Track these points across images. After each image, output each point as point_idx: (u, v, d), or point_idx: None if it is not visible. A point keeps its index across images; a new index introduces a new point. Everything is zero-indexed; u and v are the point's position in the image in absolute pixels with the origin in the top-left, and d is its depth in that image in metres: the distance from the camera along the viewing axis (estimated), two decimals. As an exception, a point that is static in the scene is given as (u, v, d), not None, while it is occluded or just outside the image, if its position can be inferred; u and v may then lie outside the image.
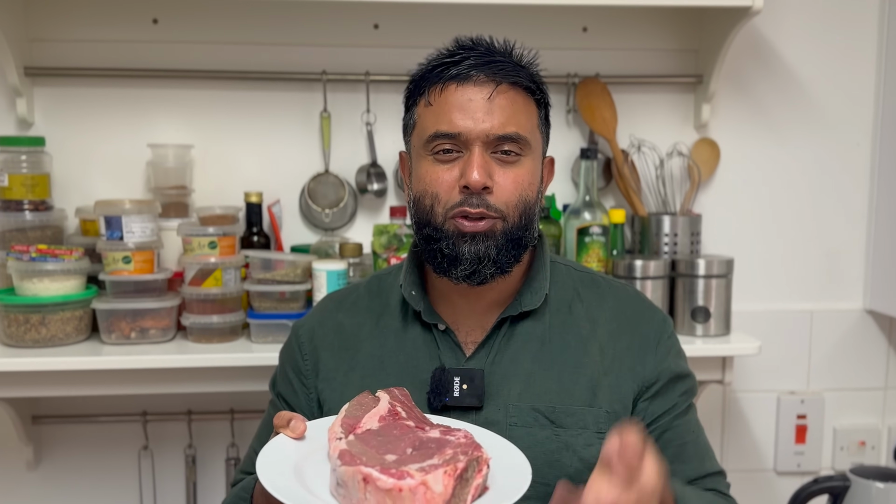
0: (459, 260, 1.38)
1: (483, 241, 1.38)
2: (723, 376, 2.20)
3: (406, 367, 1.47)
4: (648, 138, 2.36)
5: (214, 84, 2.27)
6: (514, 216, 1.39)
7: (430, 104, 1.41)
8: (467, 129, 1.37)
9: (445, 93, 1.39)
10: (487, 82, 1.38)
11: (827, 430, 2.53)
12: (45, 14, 2.20)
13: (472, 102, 1.38)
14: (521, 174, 1.39)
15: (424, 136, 1.41)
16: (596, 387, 1.45)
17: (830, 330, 2.51)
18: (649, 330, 1.51)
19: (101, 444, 2.32)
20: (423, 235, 1.42)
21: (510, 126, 1.38)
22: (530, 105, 1.43)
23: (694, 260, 2.16)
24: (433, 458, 1.12)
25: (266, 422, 1.60)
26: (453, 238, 1.38)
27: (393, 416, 1.23)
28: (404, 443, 1.17)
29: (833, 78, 2.44)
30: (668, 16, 2.37)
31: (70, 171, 2.24)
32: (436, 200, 1.39)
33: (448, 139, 1.38)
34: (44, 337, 1.98)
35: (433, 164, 1.40)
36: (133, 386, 2.01)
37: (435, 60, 1.43)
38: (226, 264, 2.04)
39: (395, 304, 1.54)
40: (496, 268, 1.39)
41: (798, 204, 2.47)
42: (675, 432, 1.48)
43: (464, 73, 1.38)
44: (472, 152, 1.37)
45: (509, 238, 1.39)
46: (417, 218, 1.43)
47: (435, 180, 1.39)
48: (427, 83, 1.42)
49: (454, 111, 1.38)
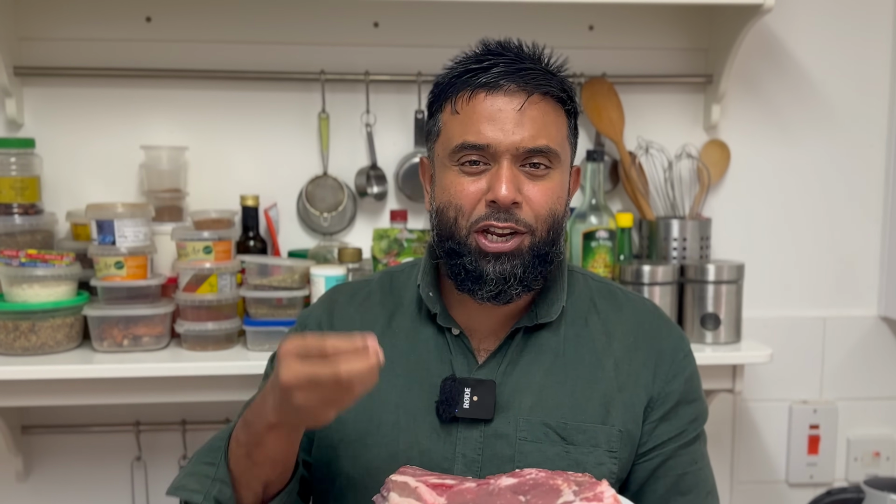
0: (484, 280, 1.37)
1: (509, 261, 1.37)
2: (733, 385, 2.19)
3: (416, 370, 1.47)
4: (656, 140, 2.35)
5: (210, 84, 2.27)
6: (543, 231, 1.38)
7: (456, 112, 1.39)
8: (496, 140, 1.35)
9: (474, 101, 1.37)
10: (518, 92, 1.36)
11: (840, 440, 2.52)
12: (35, 12, 2.20)
13: (503, 113, 1.35)
14: (550, 187, 1.38)
15: (450, 146, 1.39)
16: (609, 403, 1.44)
17: (844, 337, 2.51)
18: (665, 347, 1.50)
19: (93, 455, 2.32)
20: (445, 249, 1.41)
21: (541, 139, 1.36)
22: (560, 116, 1.41)
23: (703, 265, 2.16)
24: (563, 492, 1.16)
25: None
26: (476, 256, 1.37)
27: (443, 487, 1.23)
28: (507, 496, 1.18)
29: (846, 77, 2.44)
30: (676, 13, 2.37)
31: (61, 174, 2.24)
32: (460, 213, 1.38)
33: (476, 150, 1.36)
34: (34, 344, 1.98)
35: (458, 175, 1.38)
36: (126, 395, 2.01)
37: (462, 65, 1.41)
38: (221, 270, 2.03)
39: (409, 303, 1.53)
40: (523, 286, 1.39)
41: (810, 207, 2.47)
42: (678, 461, 1.47)
43: (493, 81, 1.36)
44: (501, 165, 1.35)
45: (536, 254, 1.38)
46: (440, 230, 1.42)
47: (460, 192, 1.38)
48: (454, 90, 1.40)
49: (483, 121, 1.36)
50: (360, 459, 1.45)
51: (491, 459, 1.41)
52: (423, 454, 1.42)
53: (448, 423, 1.42)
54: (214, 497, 1.32)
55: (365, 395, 1.45)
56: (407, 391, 1.46)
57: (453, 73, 1.41)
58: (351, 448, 1.46)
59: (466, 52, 1.44)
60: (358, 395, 1.16)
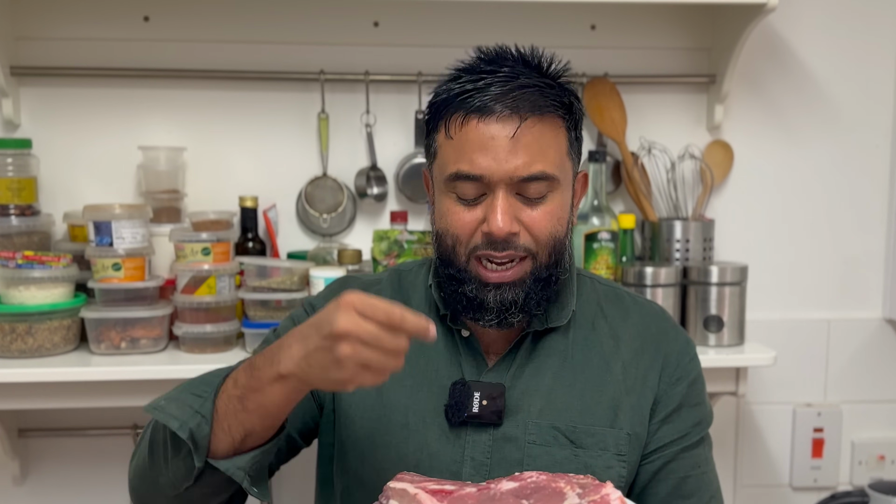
0: (485, 308, 1.37)
1: (511, 290, 1.37)
2: (736, 388, 2.19)
3: (425, 372, 1.47)
4: (659, 140, 2.35)
5: (208, 84, 2.27)
6: (544, 255, 1.38)
7: (450, 137, 1.37)
8: (489, 170, 1.33)
9: (466, 127, 1.35)
10: (511, 117, 1.33)
11: (845, 443, 2.52)
12: (32, 11, 2.20)
13: (495, 141, 1.33)
14: (549, 210, 1.37)
15: (445, 173, 1.37)
16: (618, 407, 1.44)
17: (848, 340, 2.51)
18: (671, 350, 1.51)
19: (91, 459, 2.32)
20: (446, 275, 1.41)
21: (536, 165, 1.33)
22: (559, 133, 1.38)
23: (706, 267, 2.16)
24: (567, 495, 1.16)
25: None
26: (477, 284, 1.37)
27: (443, 493, 1.23)
28: (509, 500, 1.18)
29: (851, 77, 2.44)
30: (679, 13, 2.37)
31: (58, 175, 2.24)
32: (457, 242, 1.37)
33: (469, 180, 1.35)
34: (30, 347, 1.97)
35: (455, 203, 1.37)
36: (123, 398, 2.00)
37: (457, 83, 1.38)
38: (220, 271, 2.03)
39: (418, 303, 1.53)
40: (524, 313, 1.39)
41: (815, 208, 2.47)
42: (680, 464, 1.47)
43: (487, 105, 1.33)
44: (496, 196, 1.34)
45: (537, 278, 1.38)
46: (440, 255, 1.42)
47: (456, 221, 1.37)
48: (448, 111, 1.37)
49: (475, 150, 1.33)
50: (367, 458, 1.45)
51: (500, 463, 1.41)
52: (431, 457, 1.42)
53: (457, 426, 1.42)
54: (191, 429, 1.26)
55: (375, 394, 1.46)
56: (416, 393, 1.46)
57: (449, 91, 1.38)
58: (359, 446, 1.46)
59: (463, 62, 1.41)
60: (385, 378, 1.16)
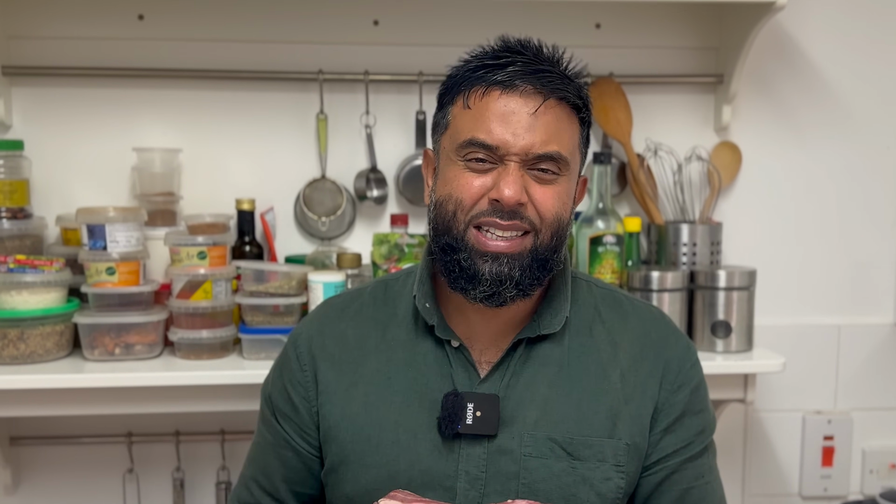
0: (478, 279, 1.36)
1: (507, 262, 1.36)
2: (744, 395, 2.18)
3: (415, 385, 1.46)
4: (665, 142, 2.35)
5: (204, 84, 2.27)
6: (547, 234, 1.38)
7: (468, 107, 1.38)
8: (506, 142, 1.34)
9: (487, 98, 1.36)
10: (534, 94, 1.35)
11: (855, 451, 2.52)
12: (24, 9, 2.20)
13: (515, 115, 1.34)
14: (558, 192, 1.38)
15: (458, 140, 1.38)
16: (616, 416, 1.44)
17: (859, 345, 2.50)
18: (672, 356, 1.50)
19: (84, 467, 2.32)
20: (440, 245, 1.40)
21: (552, 144, 1.35)
22: (574, 123, 1.41)
23: (714, 271, 2.16)
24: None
25: (259, 442, 1.58)
26: (472, 253, 1.36)
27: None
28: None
29: (862, 77, 2.44)
30: (686, 11, 2.37)
31: (50, 177, 2.24)
32: (459, 207, 1.37)
33: (483, 149, 1.35)
34: (22, 353, 1.97)
35: (463, 170, 1.37)
36: (117, 405, 2.00)
37: (478, 60, 1.40)
38: (216, 276, 2.03)
39: (404, 314, 1.52)
40: (518, 290, 1.38)
41: (824, 211, 2.47)
42: (683, 475, 1.47)
43: (509, 80, 1.35)
44: (508, 167, 1.34)
45: (536, 257, 1.38)
46: (436, 224, 1.41)
47: (462, 186, 1.37)
48: (468, 84, 1.39)
49: (494, 120, 1.35)
50: (360, 481, 1.44)
51: (495, 476, 1.40)
52: (424, 473, 1.42)
53: (450, 439, 1.41)
54: None
55: (363, 413, 1.46)
56: (406, 408, 1.45)
57: (468, 66, 1.40)
58: (350, 470, 1.45)
59: (483, 47, 1.43)
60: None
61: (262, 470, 1.55)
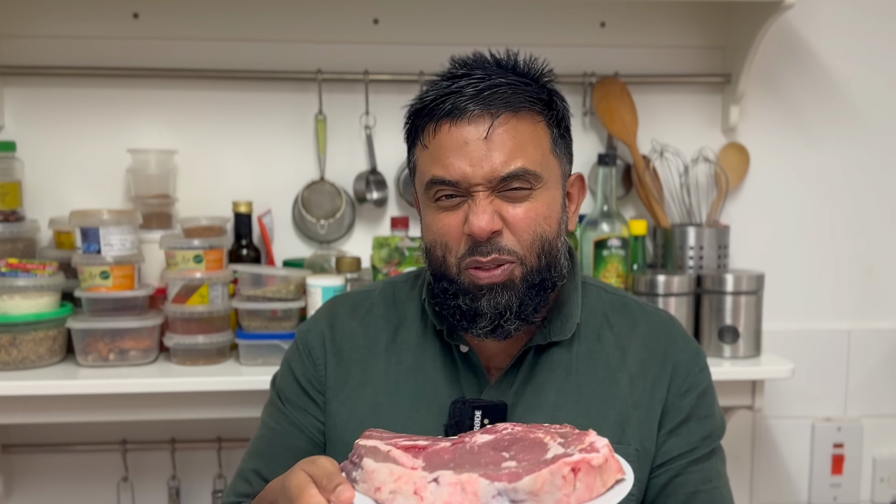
0: (479, 315, 1.36)
1: (503, 294, 1.35)
2: (752, 401, 2.18)
3: (423, 390, 1.47)
4: (672, 143, 2.35)
5: (200, 84, 2.27)
6: (532, 258, 1.36)
7: (425, 147, 1.38)
8: (465, 175, 1.33)
9: (439, 133, 1.36)
10: (483, 116, 1.34)
11: (866, 459, 2.52)
12: (16, 8, 2.20)
13: (469, 144, 1.33)
14: (533, 208, 1.36)
15: (423, 182, 1.39)
16: (625, 422, 1.44)
17: (870, 351, 2.50)
18: (680, 360, 1.50)
19: (78, 476, 2.32)
20: (440, 288, 1.40)
21: (516, 162, 1.33)
22: (538, 129, 1.38)
23: (721, 275, 2.15)
24: (549, 446, 1.14)
25: (264, 435, 1.57)
26: (471, 292, 1.36)
27: (416, 449, 1.21)
28: (489, 453, 1.16)
29: (872, 76, 2.43)
30: (693, 9, 2.37)
31: (43, 179, 2.24)
32: (447, 251, 1.37)
33: (447, 185, 1.35)
34: (14, 359, 1.97)
35: (437, 211, 1.38)
36: (112, 412, 2.01)
37: (428, 92, 1.39)
38: (212, 280, 2.03)
39: (413, 317, 1.53)
40: (521, 321, 1.38)
41: (835, 213, 2.46)
42: (689, 478, 1.46)
43: (458, 108, 1.34)
44: (476, 198, 1.34)
45: (530, 284, 1.37)
46: (432, 269, 1.41)
47: (441, 229, 1.37)
48: (421, 122, 1.39)
49: (450, 155, 1.34)
50: None
51: None
52: None
53: None
54: None
55: (370, 415, 1.46)
56: (413, 413, 1.45)
57: (417, 104, 1.40)
58: None
59: (436, 75, 1.42)
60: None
61: (267, 461, 1.52)
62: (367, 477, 1.12)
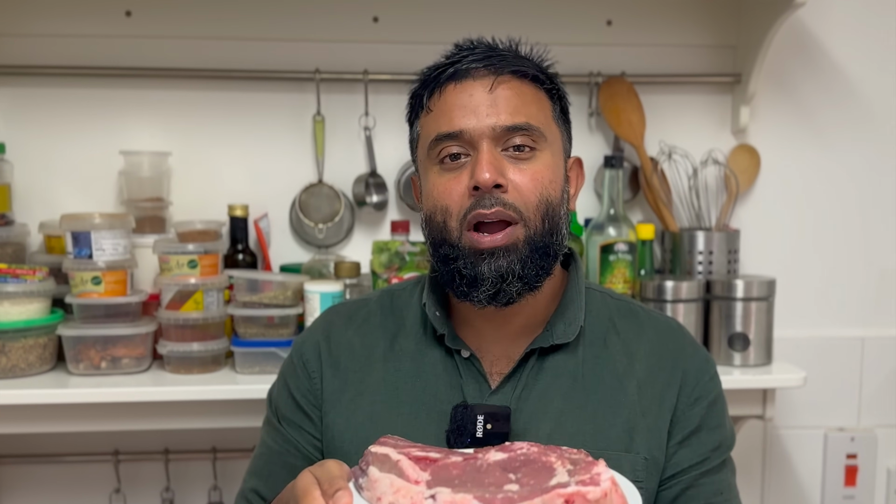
0: (480, 280, 1.37)
1: (505, 256, 1.36)
2: (763, 411, 2.18)
3: (423, 396, 1.46)
4: (680, 145, 2.35)
5: (195, 84, 2.27)
6: (536, 220, 1.37)
7: (430, 111, 1.43)
8: (470, 126, 1.36)
9: (444, 94, 1.41)
10: (487, 75, 1.39)
11: (880, 470, 2.51)
12: (6, 6, 2.20)
13: (473, 98, 1.38)
14: (538, 170, 1.38)
15: (427, 143, 1.41)
16: (633, 430, 1.43)
17: (884, 359, 2.50)
18: (690, 368, 1.50)
19: (69, 487, 2.31)
20: (439, 256, 1.41)
21: (519, 116, 1.37)
22: (541, 96, 1.43)
23: (731, 281, 2.15)
24: (557, 472, 1.14)
25: (262, 453, 1.57)
26: (471, 256, 1.37)
27: (427, 461, 1.21)
28: (496, 473, 1.16)
29: (886, 76, 2.43)
30: (702, 7, 2.37)
31: (33, 182, 2.24)
32: (447, 215, 1.38)
33: (452, 140, 1.38)
34: (4, 367, 1.97)
35: (440, 173, 1.40)
36: (103, 422, 2.00)
37: (430, 68, 1.45)
38: (207, 286, 2.03)
39: (412, 324, 1.53)
40: (522, 284, 1.38)
41: (848, 217, 2.46)
42: (700, 490, 1.46)
43: (461, 70, 1.40)
44: (480, 150, 1.36)
45: (534, 247, 1.37)
46: (432, 238, 1.42)
47: (443, 192, 1.39)
48: (425, 91, 1.44)
49: (454, 110, 1.38)
50: None
51: None
52: None
53: None
54: None
55: (368, 424, 1.46)
56: (414, 420, 1.45)
57: (423, 77, 1.46)
58: None
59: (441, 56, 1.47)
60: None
61: (266, 480, 1.54)
62: (370, 485, 1.14)
